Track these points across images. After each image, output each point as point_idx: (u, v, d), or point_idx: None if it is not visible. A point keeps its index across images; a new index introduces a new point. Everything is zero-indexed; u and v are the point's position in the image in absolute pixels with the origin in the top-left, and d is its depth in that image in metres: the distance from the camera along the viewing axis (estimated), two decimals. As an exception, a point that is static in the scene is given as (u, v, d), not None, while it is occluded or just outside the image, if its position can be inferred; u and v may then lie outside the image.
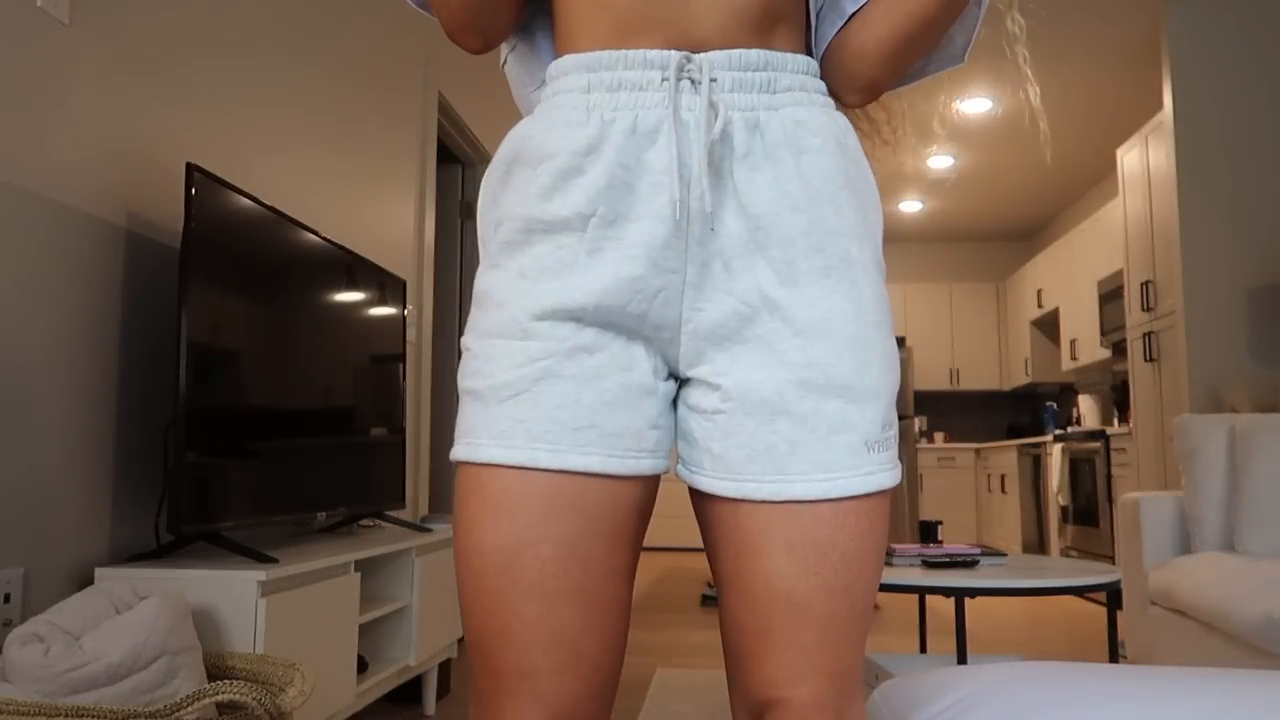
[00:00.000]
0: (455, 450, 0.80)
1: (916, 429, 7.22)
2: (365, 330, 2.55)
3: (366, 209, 3.07)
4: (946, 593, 2.15)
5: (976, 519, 8.06)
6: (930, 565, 2.44)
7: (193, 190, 1.76)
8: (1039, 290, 7.47)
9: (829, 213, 0.80)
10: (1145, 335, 4.61)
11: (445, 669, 2.92)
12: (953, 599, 4.83)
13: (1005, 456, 7.24)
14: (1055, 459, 5.93)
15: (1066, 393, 7.95)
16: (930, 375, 8.56)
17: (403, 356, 2.83)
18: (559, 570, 0.76)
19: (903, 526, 6.08)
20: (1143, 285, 4.67)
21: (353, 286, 2.46)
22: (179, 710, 1.28)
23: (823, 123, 0.82)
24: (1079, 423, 6.87)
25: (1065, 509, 5.80)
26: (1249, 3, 4.26)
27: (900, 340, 8.62)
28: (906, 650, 3.72)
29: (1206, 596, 2.51)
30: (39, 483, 1.64)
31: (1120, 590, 2.41)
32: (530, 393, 0.77)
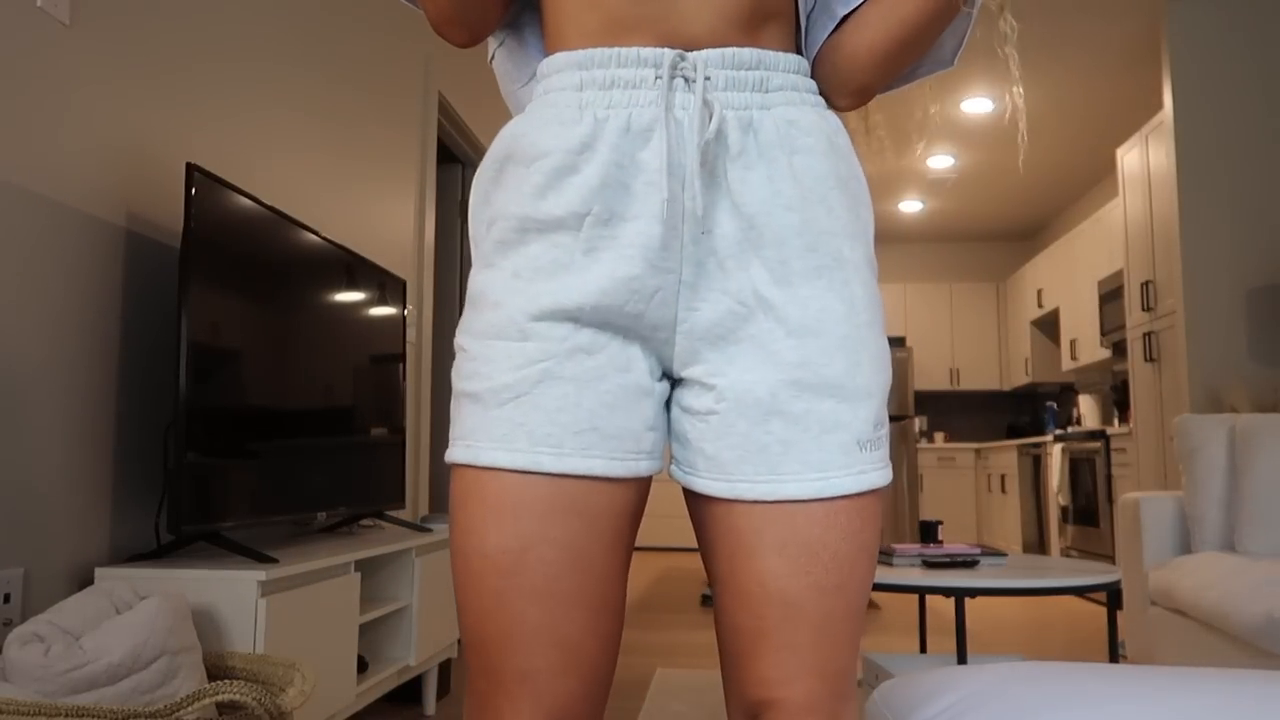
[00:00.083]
0: (453, 453, 0.79)
1: (916, 429, 7.22)
2: (365, 330, 2.55)
3: (366, 209, 3.07)
4: (946, 593, 2.15)
5: (976, 519, 8.06)
6: (930, 565, 2.45)
7: (193, 190, 1.76)
8: (1039, 290, 7.47)
9: (821, 212, 0.80)
10: (1145, 335, 4.61)
11: (445, 669, 2.92)
12: (953, 599, 4.83)
13: (1005, 456, 7.24)
14: (1055, 459, 5.93)
15: (1066, 393, 7.95)
16: (930, 375, 8.56)
17: (403, 356, 2.83)
18: (561, 573, 0.76)
19: (903, 526, 6.08)
20: (1143, 285, 4.67)
21: (353, 286, 2.46)
22: (179, 710, 1.28)
23: (815, 122, 0.82)
24: (1079, 423, 6.87)
25: (1065, 509, 5.80)
26: (1249, 3, 4.26)
27: (900, 340, 8.63)
28: (906, 650, 3.72)
29: (1206, 596, 2.51)
30: (39, 483, 1.64)
31: (1120, 590, 2.41)
32: (531, 395, 0.77)
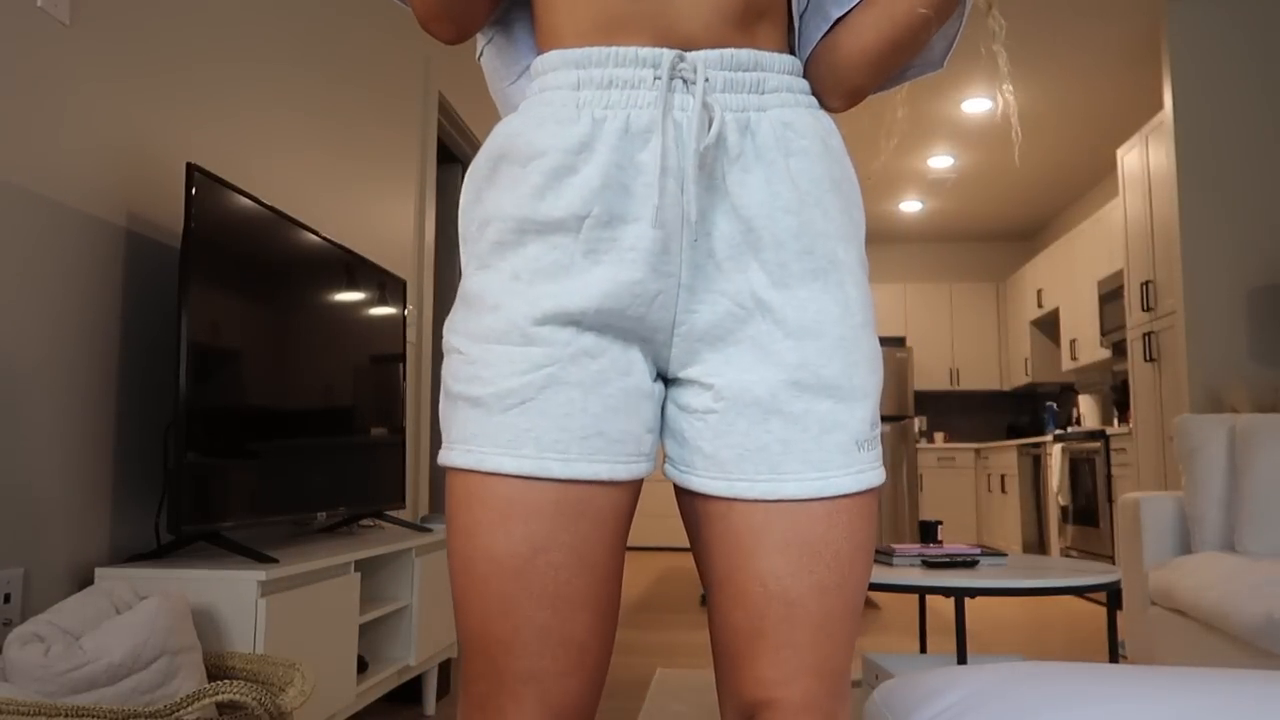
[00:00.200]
0: (452, 457, 0.78)
1: (916, 429, 7.22)
2: (365, 330, 2.55)
3: (366, 209, 3.07)
4: (946, 593, 2.15)
5: (976, 519, 8.05)
6: (930, 565, 2.44)
7: (193, 190, 1.76)
8: (1039, 290, 7.47)
9: (817, 215, 0.81)
10: (1145, 335, 4.61)
11: (445, 669, 2.92)
12: (953, 599, 4.83)
13: (1005, 456, 7.24)
14: (1055, 459, 5.93)
15: (1066, 393, 7.95)
16: (930, 375, 8.56)
17: (403, 356, 2.83)
18: (571, 576, 0.76)
19: (903, 526, 6.08)
20: (1143, 285, 4.67)
21: (353, 286, 2.46)
22: (179, 710, 1.28)
23: (809, 124, 0.82)
24: (1079, 423, 6.87)
25: (1065, 509, 5.80)
26: (1249, 3, 4.26)
27: (900, 340, 8.63)
28: (906, 650, 3.72)
29: (1206, 596, 2.51)
30: (39, 483, 1.64)
31: (1120, 590, 2.41)
32: (536, 400, 0.76)
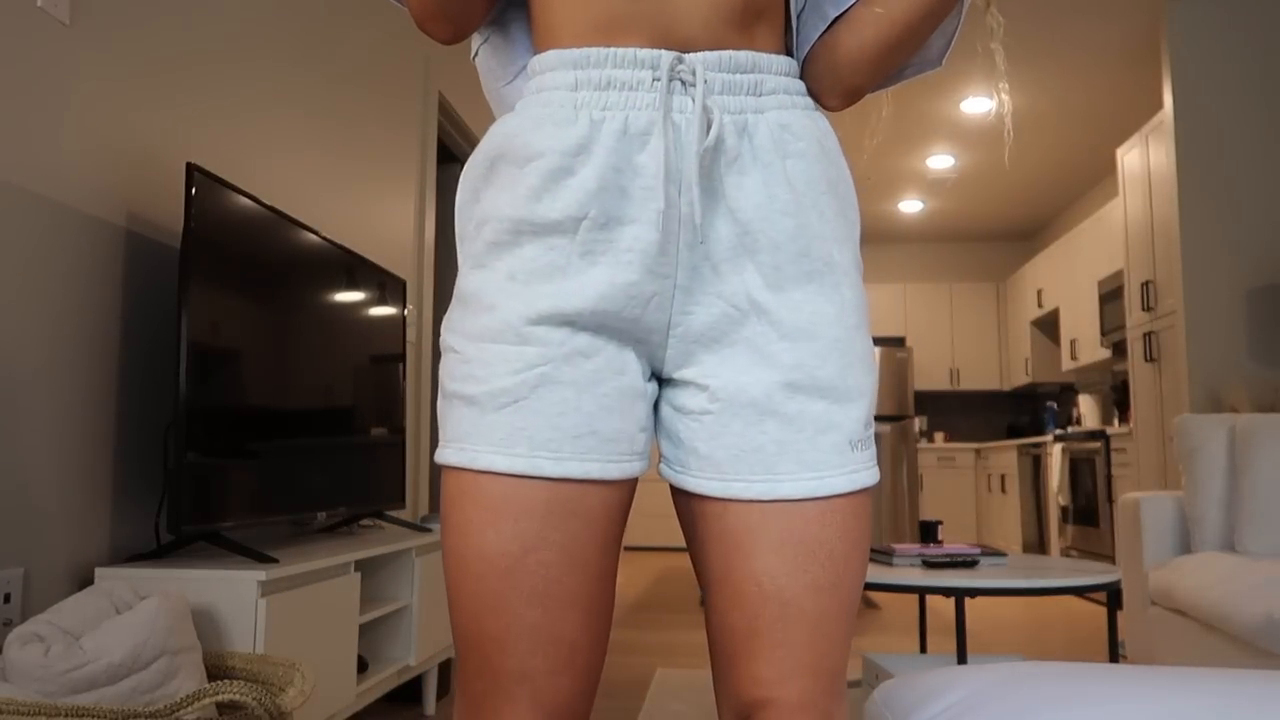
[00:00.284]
0: (446, 455, 0.79)
1: (916, 429, 7.22)
2: (365, 330, 2.55)
3: (366, 209, 3.07)
4: (946, 593, 2.15)
5: (976, 519, 8.06)
6: (930, 565, 2.44)
7: (193, 190, 1.76)
8: (1039, 290, 7.47)
9: (813, 217, 0.81)
10: (1145, 335, 4.61)
11: (445, 669, 2.92)
12: (953, 599, 4.83)
13: (1005, 456, 7.24)
14: (1055, 459, 5.93)
15: (1066, 393, 7.95)
16: (930, 375, 8.56)
17: (403, 356, 2.83)
18: (561, 575, 0.77)
19: (903, 526, 6.08)
20: (1143, 285, 4.67)
21: (353, 286, 2.46)
22: (179, 710, 1.28)
23: (806, 126, 0.83)
24: (1079, 423, 6.87)
25: (1065, 509, 5.80)
26: (1249, 3, 4.26)
27: (900, 340, 8.63)
28: (906, 650, 3.72)
29: (1206, 596, 2.51)
30: (39, 483, 1.64)
31: (1120, 590, 2.41)
32: (529, 399, 0.77)
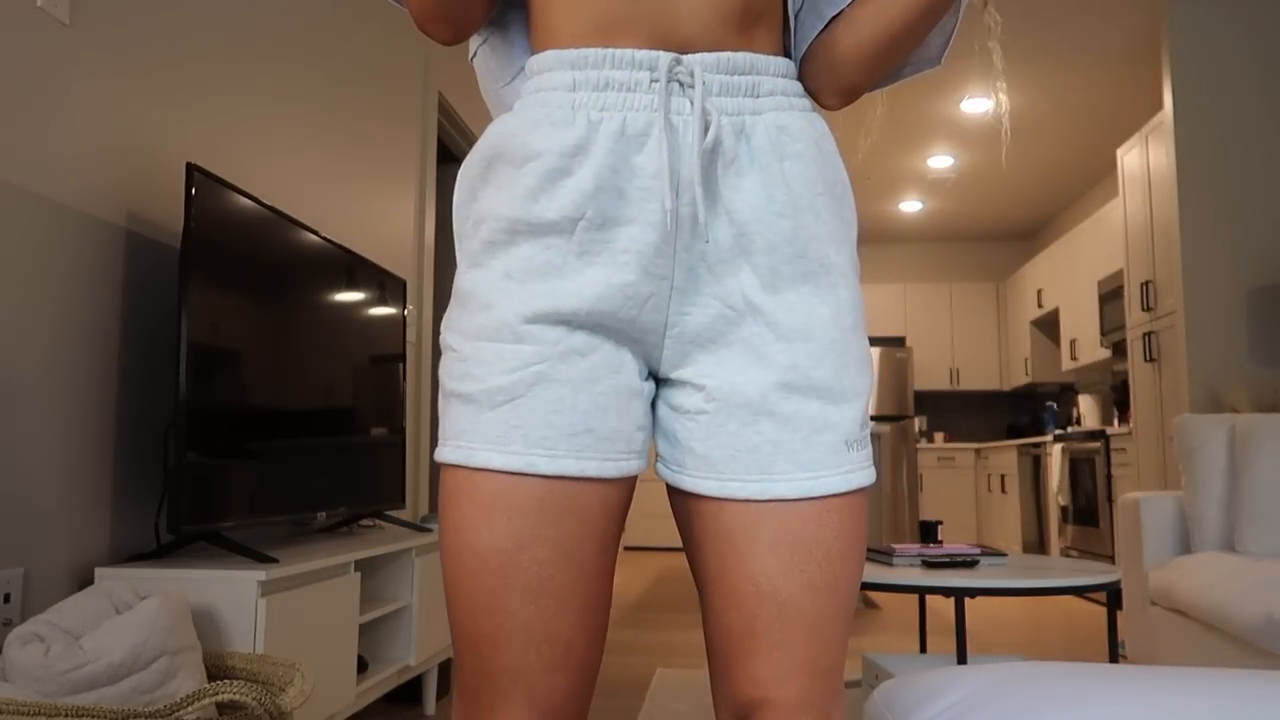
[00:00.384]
0: (444, 453, 0.80)
1: (916, 429, 7.22)
2: (365, 330, 2.55)
3: (366, 209, 3.07)
4: (946, 593, 2.15)
5: (976, 519, 8.06)
6: (930, 565, 2.44)
7: (193, 190, 1.76)
8: (1039, 290, 7.47)
9: (810, 218, 0.81)
10: (1145, 335, 4.61)
11: (445, 669, 2.92)
12: (953, 599, 4.83)
13: (1005, 456, 7.24)
14: (1055, 459, 5.93)
15: (1066, 393, 7.95)
16: (930, 375, 8.56)
17: (403, 356, 2.83)
18: (555, 572, 0.77)
19: (903, 526, 6.08)
20: (1143, 285, 4.67)
21: (353, 286, 2.46)
22: (179, 710, 1.28)
23: (804, 128, 0.83)
24: (1079, 423, 6.87)
25: (1065, 509, 5.80)
26: (1249, 3, 4.26)
27: (900, 340, 8.63)
28: (906, 650, 3.72)
29: (1206, 596, 2.51)
30: (39, 483, 1.64)
31: (1120, 590, 2.41)
32: (525, 398, 0.77)
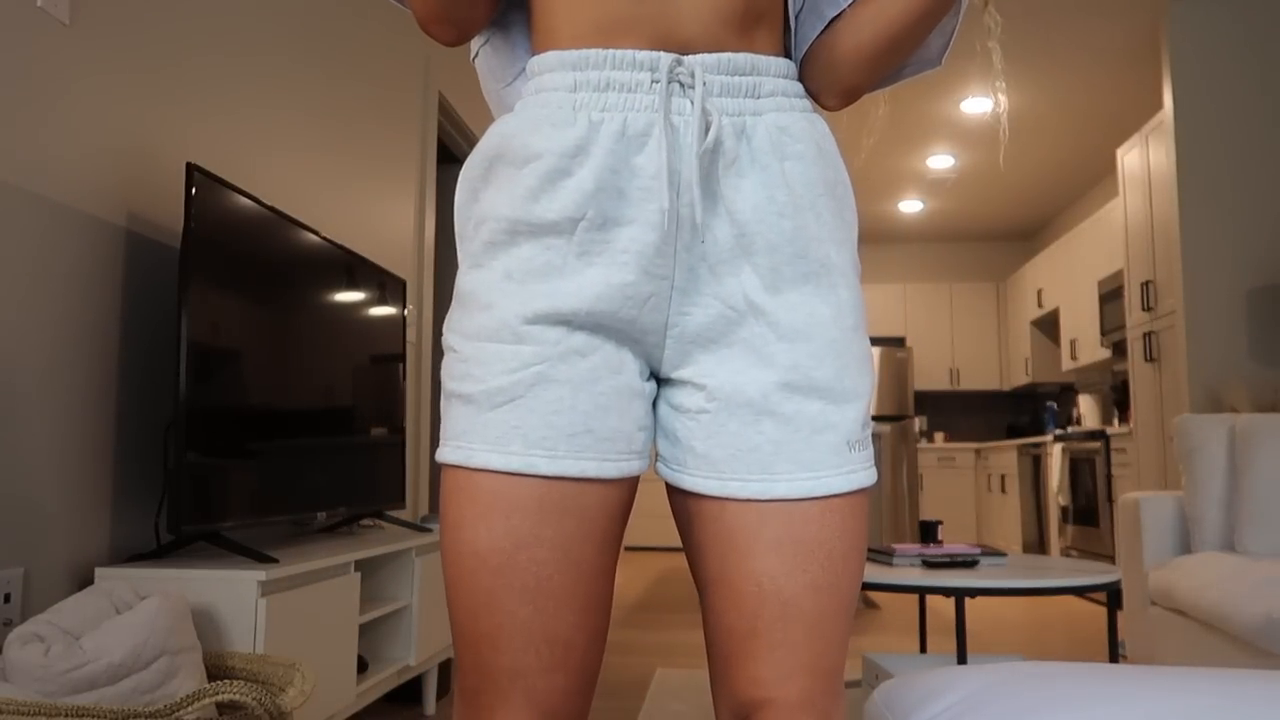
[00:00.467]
0: (445, 453, 0.80)
1: (916, 429, 7.22)
2: (365, 330, 2.55)
3: (366, 209, 3.07)
4: (946, 593, 2.15)
5: (976, 519, 8.06)
6: (930, 565, 2.44)
7: (193, 190, 1.76)
8: (1039, 290, 7.47)
9: (811, 219, 0.81)
10: (1145, 335, 4.61)
11: (445, 669, 2.92)
12: (953, 599, 4.83)
13: (1005, 456, 7.24)
14: (1055, 459, 5.93)
15: (1066, 393, 7.95)
16: (930, 375, 8.56)
17: (403, 356, 2.83)
18: (554, 572, 0.77)
19: (903, 526, 6.08)
20: (1143, 285, 4.67)
21: (353, 286, 2.46)
22: (179, 710, 1.28)
23: (805, 128, 0.83)
24: (1079, 423, 6.87)
25: (1065, 509, 5.80)
26: (1249, 3, 4.26)
27: (900, 340, 8.63)
28: (906, 650, 3.72)
29: (1206, 596, 2.51)
30: (39, 483, 1.64)
31: (1120, 590, 2.41)
32: (525, 398, 0.77)
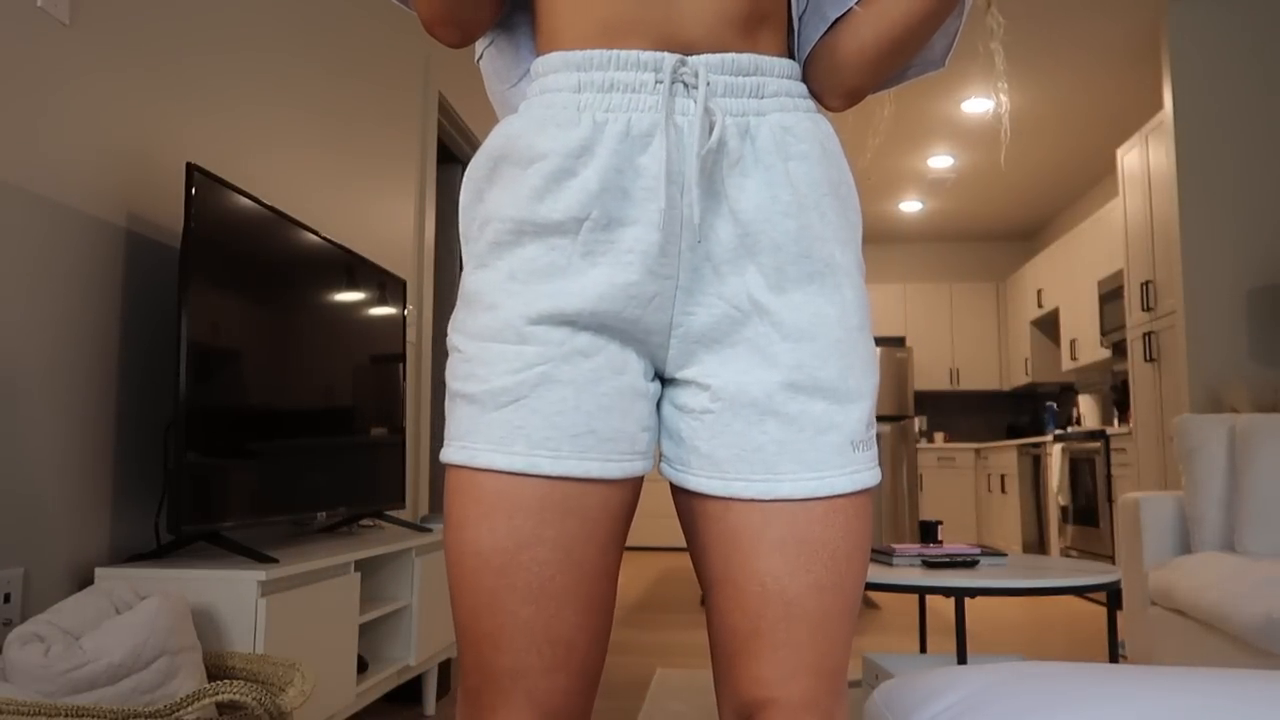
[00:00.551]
0: (449, 453, 0.80)
1: (916, 429, 7.22)
2: (365, 330, 2.55)
3: (366, 209, 3.07)
4: (946, 593, 2.15)
5: (976, 519, 8.06)
6: (930, 565, 2.44)
7: (193, 190, 1.76)
8: (1039, 290, 7.47)
9: (815, 218, 0.81)
10: (1145, 335, 4.61)
11: (445, 669, 2.92)
12: (953, 599, 4.83)
13: (1005, 456, 7.24)
14: (1055, 459, 5.93)
15: (1066, 393, 7.95)
16: (930, 375, 8.56)
17: (403, 356, 2.83)
18: (556, 572, 0.77)
19: (903, 526, 6.08)
20: (1143, 285, 4.67)
21: (353, 286, 2.46)
22: (179, 710, 1.28)
23: (809, 129, 0.83)
24: (1079, 423, 6.87)
25: (1065, 509, 5.80)
26: (1249, 2, 4.26)
27: (900, 340, 8.63)
28: (906, 650, 3.72)
29: (1206, 596, 2.51)
30: (39, 483, 1.64)
31: (1120, 590, 2.41)
32: (529, 398, 0.77)
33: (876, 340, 8.60)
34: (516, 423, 0.77)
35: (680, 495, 0.86)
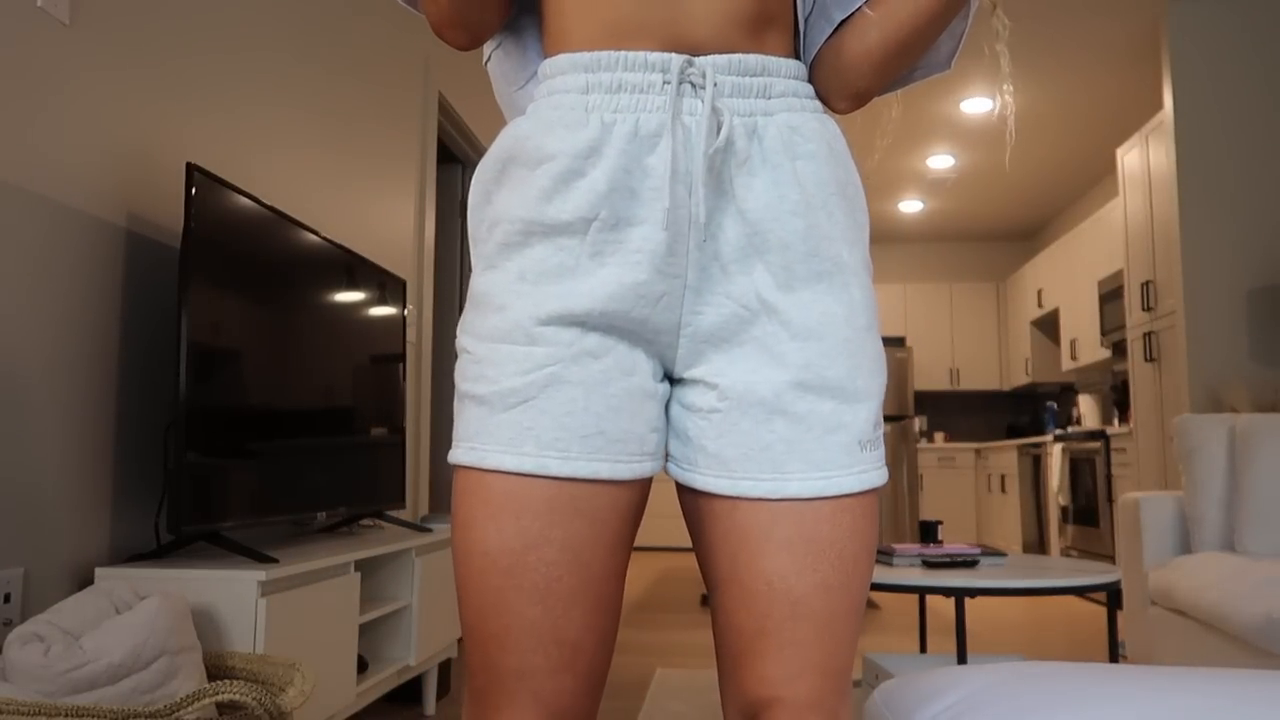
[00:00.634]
0: (457, 454, 0.80)
1: (916, 429, 7.22)
2: (365, 330, 2.55)
3: (366, 209, 3.07)
4: (946, 593, 2.15)
5: (976, 519, 8.06)
6: (930, 565, 2.44)
7: (193, 190, 1.76)
8: (1039, 290, 7.47)
9: (823, 218, 0.81)
10: (1145, 335, 4.61)
11: (445, 669, 2.92)
12: (953, 599, 4.83)
13: (1005, 456, 7.24)
14: (1055, 459, 5.93)
15: (1066, 393, 7.95)
16: (930, 375, 8.56)
17: (403, 356, 2.83)
18: (563, 573, 0.77)
19: (903, 526, 6.08)
20: (1143, 285, 4.67)
21: (353, 286, 2.46)
22: (179, 710, 1.28)
23: (815, 129, 0.83)
24: (1079, 423, 6.87)
25: (1065, 509, 5.80)
26: (1249, 3, 4.26)
27: (900, 340, 8.63)
28: (906, 650, 3.72)
29: (1206, 596, 2.51)
30: (39, 483, 1.64)
31: (1120, 590, 2.41)
32: (538, 399, 0.77)
33: (876, 340, 8.58)
34: (526, 424, 0.77)
35: (687, 494, 0.86)
